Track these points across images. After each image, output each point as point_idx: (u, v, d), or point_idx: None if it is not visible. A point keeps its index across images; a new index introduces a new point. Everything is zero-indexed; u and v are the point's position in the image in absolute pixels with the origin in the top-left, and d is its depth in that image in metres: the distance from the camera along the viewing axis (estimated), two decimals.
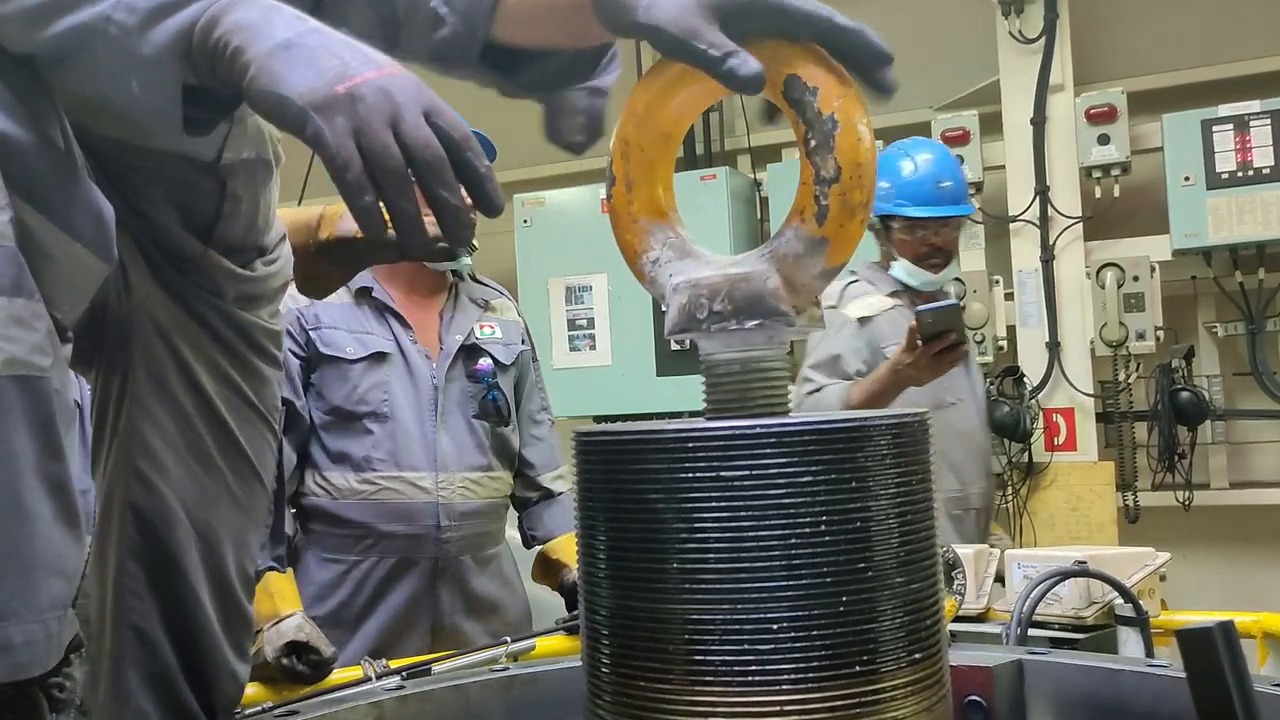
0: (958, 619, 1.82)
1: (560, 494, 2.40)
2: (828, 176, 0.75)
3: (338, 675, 1.75)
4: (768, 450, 0.69)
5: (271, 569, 1.71)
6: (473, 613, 2.23)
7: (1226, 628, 0.54)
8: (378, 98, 0.74)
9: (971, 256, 4.39)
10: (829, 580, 0.69)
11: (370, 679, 1.51)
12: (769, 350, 0.76)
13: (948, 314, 2.46)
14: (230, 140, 1.02)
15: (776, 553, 0.68)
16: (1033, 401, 4.17)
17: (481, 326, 2.32)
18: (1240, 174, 3.65)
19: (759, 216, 4.73)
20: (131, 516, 1.08)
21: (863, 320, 2.70)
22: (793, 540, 0.68)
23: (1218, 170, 3.71)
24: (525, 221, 4.56)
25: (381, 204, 0.75)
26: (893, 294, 2.87)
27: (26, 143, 0.84)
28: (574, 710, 0.80)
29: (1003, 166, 4.29)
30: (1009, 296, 4.21)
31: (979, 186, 4.27)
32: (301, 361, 2.17)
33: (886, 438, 0.72)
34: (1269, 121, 3.67)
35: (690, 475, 0.69)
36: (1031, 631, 1.57)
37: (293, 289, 2.25)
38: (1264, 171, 3.66)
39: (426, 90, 0.77)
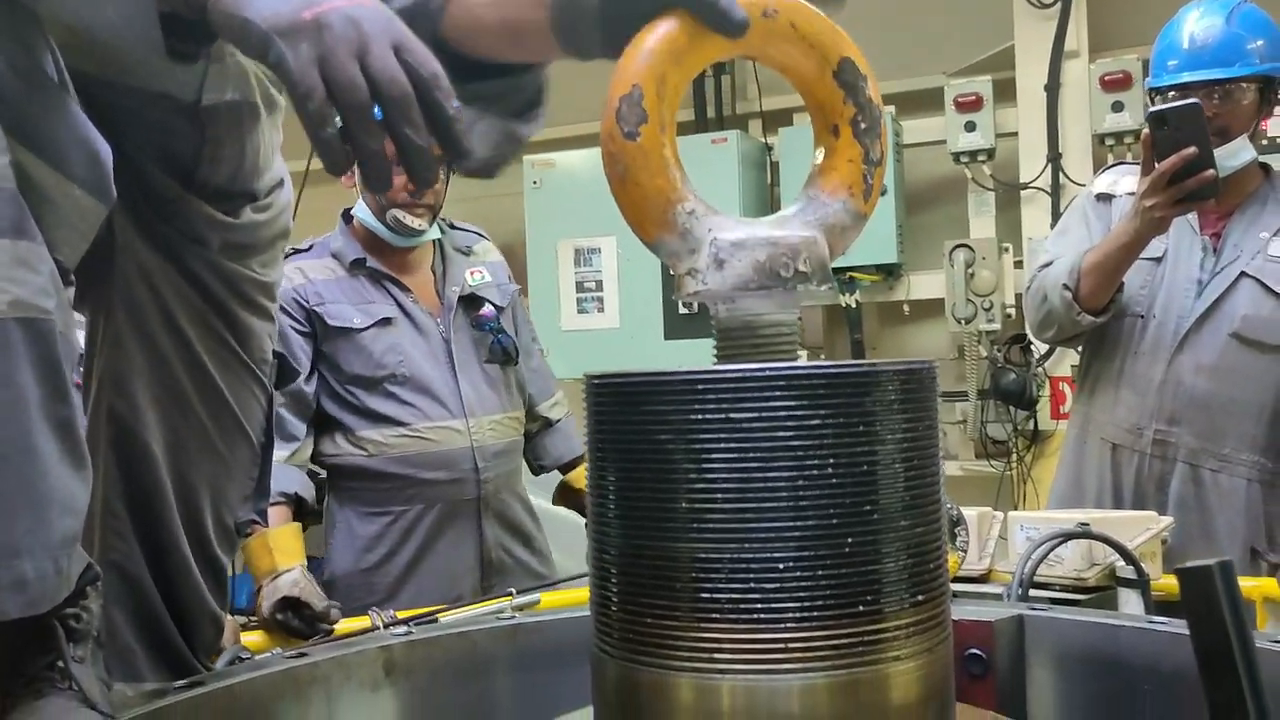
0: (961, 579, 1.84)
1: (558, 420, 2.57)
2: (875, 159, 0.84)
3: (345, 626, 1.78)
4: (777, 393, 0.70)
5: (254, 522, 1.72)
6: (515, 542, 2.38)
7: (1226, 566, 0.55)
8: (345, 27, 0.72)
9: (981, 223, 4.38)
10: (835, 522, 0.70)
11: (379, 628, 1.54)
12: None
13: (1185, 113, 1.99)
14: (210, 81, 1.00)
15: (784, 494, 0.69)
16: (1039, 370, 4.18)
17: (471, 273, 2.41)
18: (1260, 143, 3.63)
19: (769, 181, 4.72)
20: (114, 457, 1.09)
21: (1101, 197, 2.34)
22: (800, 482, 0.69)
23: (1260, 129, 3.68)
24: (535, 183, 4.55)
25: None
26: None
27: (19, 79, 0.82)
28: (576, 658, 0.81)
29: (1015, 133, 4.27)
30: (1019, 264, 4.21)
31: (991, 153, 4.25)
32: (305, 338, 2.24)
33: (894, 384, 0.73)
34: None
35: (700, 417, 0.70)
36: (1033, 592, 1.58)
37: (287, 268, 2.26)
38: (1278, 140, 3.64)
39: (397, 23, 0.74)
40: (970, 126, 4.19)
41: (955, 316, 4.24)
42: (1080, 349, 2.43)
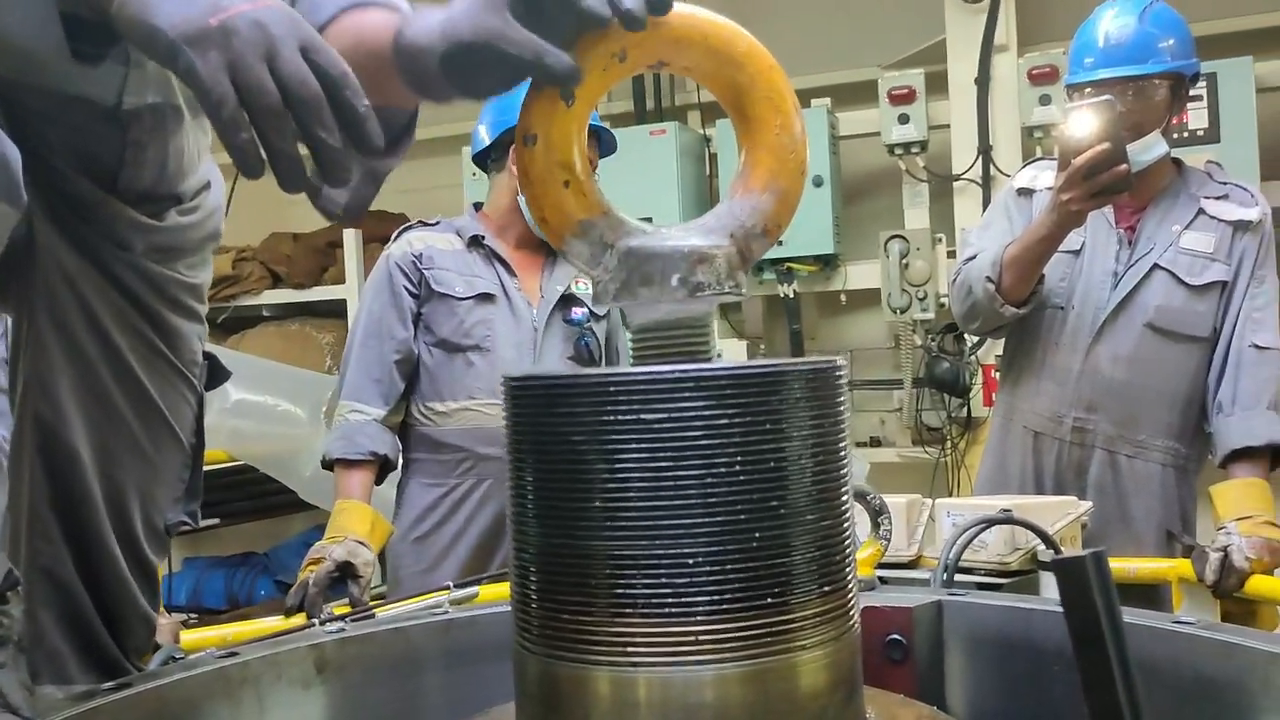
0: (890, 565, 1.89)
1: None
2: (794, 168, 0.87)
3: (280, 622, 1.78)
4: (686, 394, 0.72)
5: (184, 524, 1.78)
6: None
7: (1099, 557, 0.59)
8: (252, 31, 0.72)
9: (915, 214, 4.46)
10: (743, 518, 0.73)
11: (313, 623, 1.54)
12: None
13: (1099, 111, 2.06)
14: (130, 84, 0.99)
15: (693, 492, 0.72)
16: (972, 358, 4.26)
17: (578, 281, 2.51)
18: (1175, 135, 3.73)
19: (708, 172, 4.76)
20: (40, 461, 1.08)
21: (1022, 192, 2.41)
22: (709, 480, 0.72)
23: (1171, 124, 3.79)
24: (474, 174, 4.54)
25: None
26: None
27: None
28: (508, 652, 0.83)
29: (947, 125, 4.34)
30: (952, 254, 4.28)
31: (924, 145, 4.32)
32: (414, 298, 2.40)
33: (801, 383, 0.76)
34: (1205, 84, 3.75)
35: (612, 418, 0.72)
36: (959, 577, 1.63)
37: (407, 237, 2.44)
38: (1198, 133, 3.75)
39: (303, 25, 0.75)
40: (904, 119, 4.26)
41: (891, 306, 4.31)
42: (1004, 339, 2.49)
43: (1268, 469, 2.13)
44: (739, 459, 0.73)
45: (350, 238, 5.09)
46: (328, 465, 2.32)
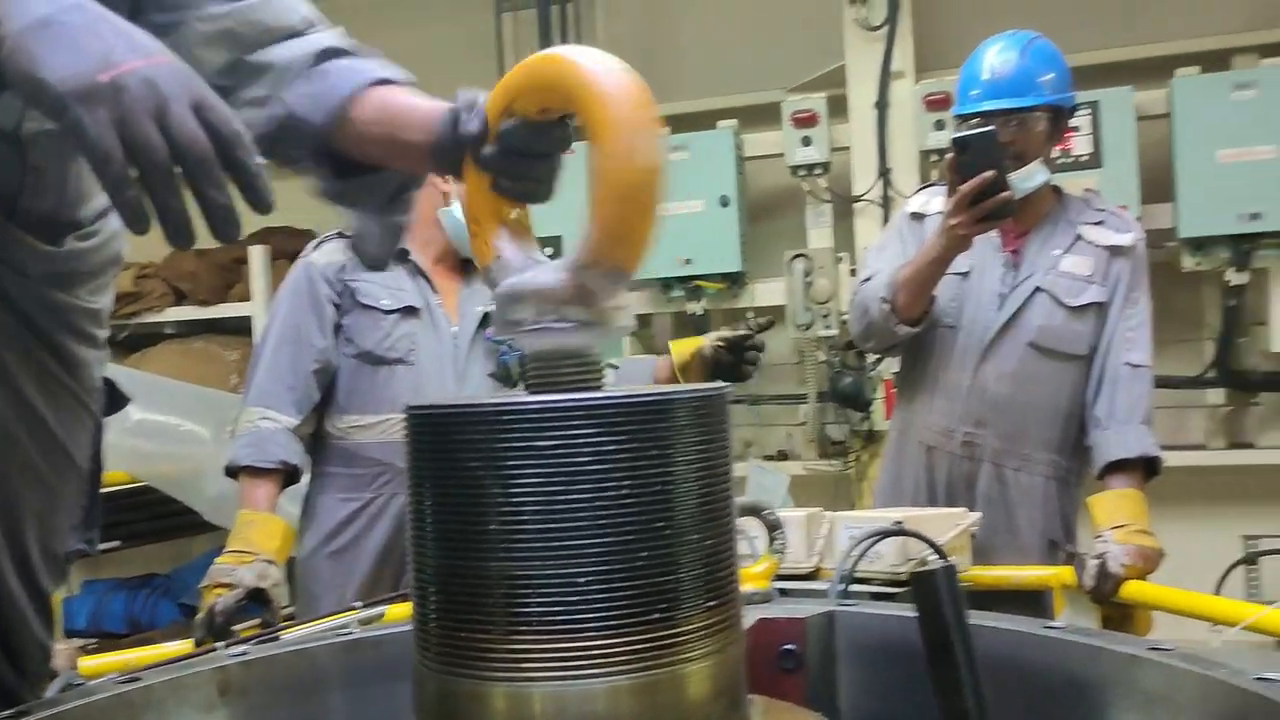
0: (791, 577, 1.95)
1: None
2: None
3: (182, 646, 1.77)
4: (576, 422, 0.76)
5: (82, 551, 1.77)
6: None
7: (949, 570, 0.64)
8: (142, 89, 0.72)
9: (819, 234, 4.58)
10: (631, 538, 0.77)
11: (216, 647, 1.54)
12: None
13: (984, 140, 2.17)
14: (30, 109, 0.98)
15: (583, 514, 0.76)
16: (874, 373, 4.39)
17: None
18: (1062, 161, 3.91)
19: None
20: None
21: (915, 216, 2.50)
22: (598, 503, 0.76)
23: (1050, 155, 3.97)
24: None
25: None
26: None
27: None
28: (411, 671, 0.86)
29: (848, 148, 4.47)
30: (854, 273, 4.40)
31: (826, 167, 4.45)
32: (335, 308, 2.37)
33: (687, 409, 0.80)
34: (1089, 112, 3.94)
35: (506, 446, 0.76)
36: (855, 587, 1.69)
37: (329, 247, 2.42)
38: (1082, 159, 3.93)
39: (196, 82, 0.75)
40: (806, 141, 4.37)
41: (795, 323, 4.42)
42: (900, 357, 2.59)
43: (1142, 480, 2.25)
44: (627, 483, 0.77)
45: (256, 254, 5.03)
46: (232, 472, 2.27)
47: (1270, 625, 1.74)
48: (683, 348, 2.55)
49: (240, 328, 5.12)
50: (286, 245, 5.07)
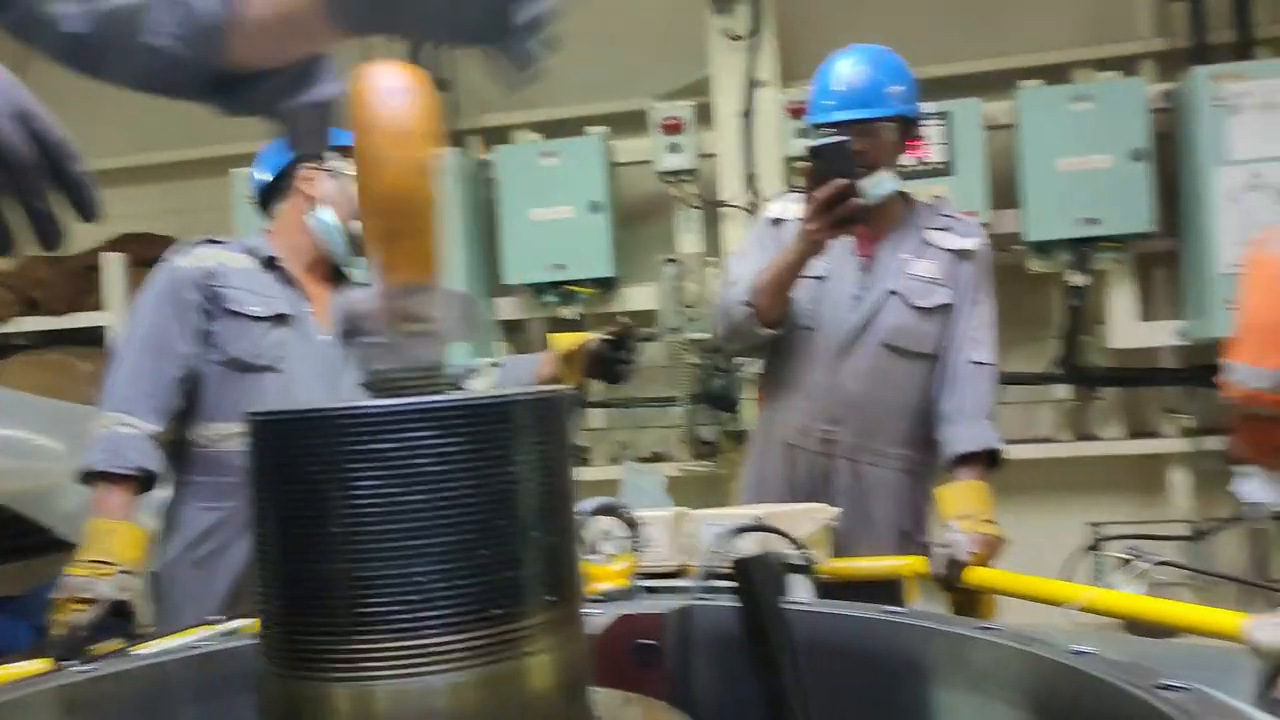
0: (657, 575, 1.99)
1: None
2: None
3: (26, 666, 1.71)
4: (415, 425, 0.78)
5: None
6: None
7: (765, 559, 0.68)
8: None
9: (689, 239, 4.66)
10: (471, 537, 0.79)
11: (63, 666, 1.49)
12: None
13: (836, 149, 2.24)
14: None
15: (422, 514, 0.78)
16: (743, 375, 4.48)
17: None
18: (916, 167, 4.08)
19: (489, 197, 4.81)
20: None
21: (775, 221, 2.57)
22: (438, 504, 0.78)
23: (899, 163, 4.13)
24: (246, 197, 4.42)
25: None
26: None
27: None
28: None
29: (715, 155, 4.56)
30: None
31: (694, 173, 4.53)
32: (202, 315, 2.30)
33: (525, 412, 0.83)
34: (941, 122, 4.11)
35: (346, 449, 0.78)
36: (718, 583, 1.73)
37: (197, 253, 2.37)
38: (936, 167, 4.11)
39: (20, 92, 0.75)
40: (675, 148, 4.45)
41: (667, 326, 4.49)
42: (764, 359, 2.67)
43: (986, 471, 2.37)
44: (467, 483, 0.79)
45: (112, 262, 4.86)
46: (86, 479, 2.19)
47: (1102, 604, 1.85)
48: (565, 341, 2.56)
49: (95, 338, 4.93)
50: (144, 252, 4.90)
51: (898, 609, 1.24)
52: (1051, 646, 1.03)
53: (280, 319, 2.37)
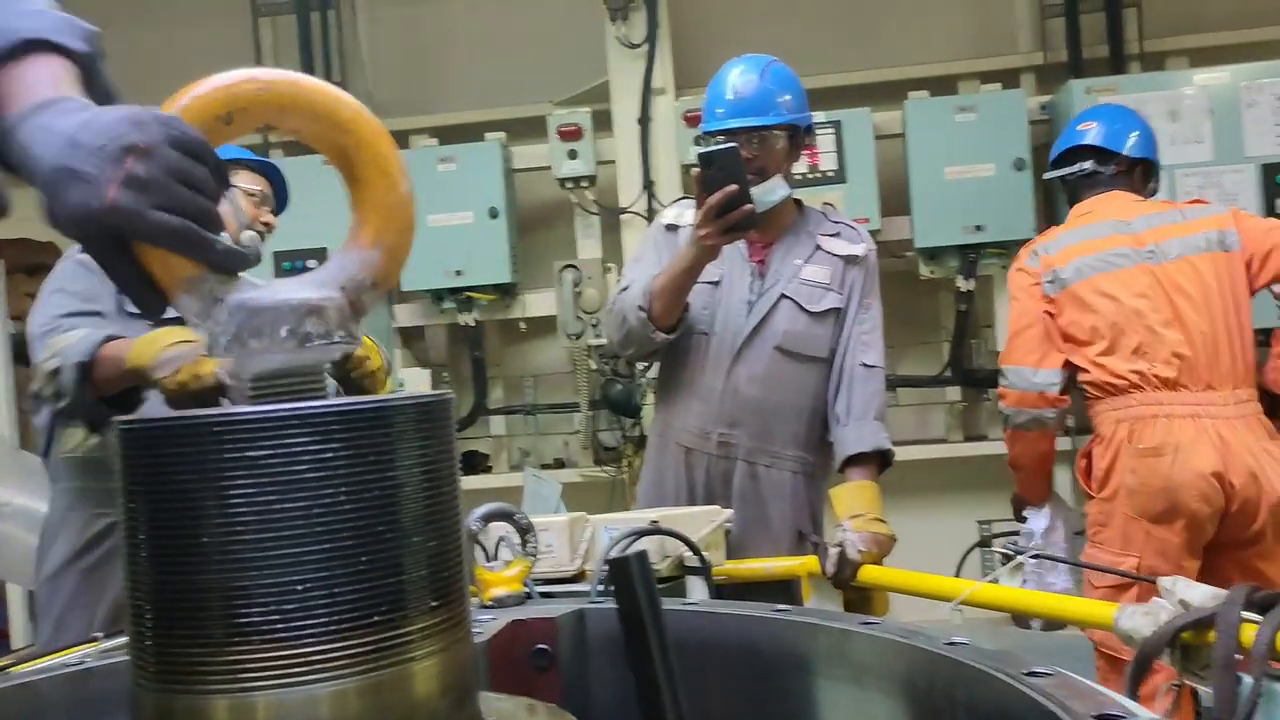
0: (555, 580, 1.99)
1: None
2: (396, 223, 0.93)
3: None
4: (292, 431, 0.77)
5: None
6: None
7: (641, 557, 0.69)
8: None
9: (588, 245, 4.67)
10: (350, 543, 0.78)
11: None
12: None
13: (727, 155, 2.27)
14: None
15: (300, 522, 0.77)
16: (643, 380, 4.51)
17: None
18: (810, 176, 4.16)
19: None
20: None
21: (670, 227, 2.60)
22: (315, 510, 0.77)
23: (792, 171, 4.20)
24: None
25: None
26: None
27: None
28: None
29: (614, 161, 4.59)
30: None
31: (592, 180, 4.55)
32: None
33: (405, 416, 0.82)
34: (832, 131, 4.21)
35: (220, 456, 0.76)
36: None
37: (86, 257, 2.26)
38: (829, 174, 4.20)
39: None
40: (573, 154, 4.46)
41: (567, 333, 4.49)
42: (659, 364, 2.69)
43: (877, 472, 2.43)
44: (344, 489, 0.78)
45: None
46: (88, 365, 2.08)
47: (981, 599, 1.91)
48: None
49: None
50: (23, 258, 4.72)
51: (785, 607, 1.26)
52: (930, 639, 1.07)
53: (178, 321, 2.31)
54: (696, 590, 1.91)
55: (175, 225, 0.79)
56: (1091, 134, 3.07)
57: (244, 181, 2.50)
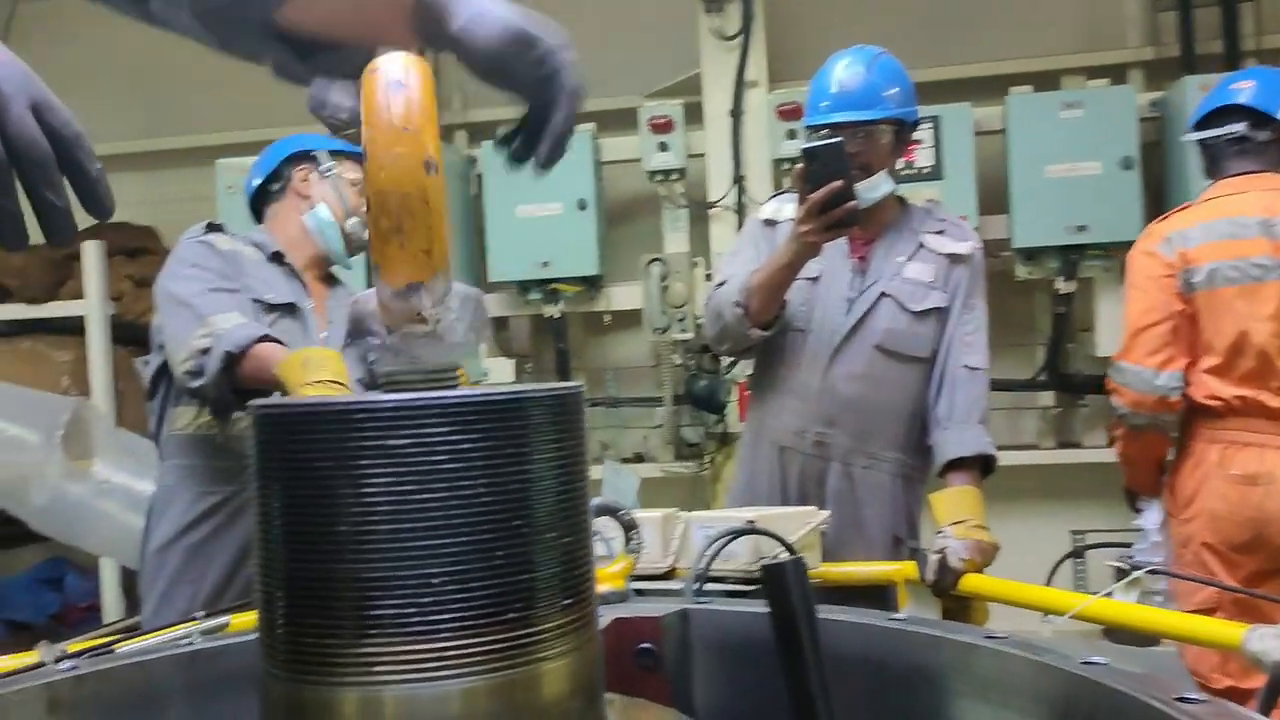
0: (646, 577, 1.97)
1: None
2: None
3: (6, 662, 1.66)
4: (431, 421, 0.75)
5: None
6: None
7: (798, 564, 0.66)
8: None
9: (675, 238, 4.64)
10: (486, 537, 0.76)
11: (45, 663, 1.45)
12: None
13: (831, 151, 2.22)
14: None
15: (437, 514, 0.75)
16: (729, 376, 4.47)
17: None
18: (906, 172, 4.08)
19: (474, 193, 4.78)
20: None
21: (768, 222, 2.55)
22: (453, 503, 0.75)
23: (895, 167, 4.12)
24: (229, 187, 4.37)
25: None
26: None
27: None
28: (256, 682, 0.83)
29: (704, 154, 4.54)
30: (709, 277, 4.48)
31: (682, 173, 4.51)
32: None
33: (541, 409, 0.80)
34: (930, 126, 4.11)
35: (358, 445, 0.75)
36: (710, 586, 1.71)
37: (213, 237, 2.39)
38: (925, 171, 4.10)
39: (36, 82, 0.74)
40: (663, 147, 4.43)
41: (652, 327, 4.46)
42: (754, 360, 2.65)
43: (979, 477, 2.36)
44: (482, 482, 0.76)
45: (91, 250, 4.78)
46: (235, 356, 2.13)
47: (1095, 614, 1.84)
48: None
49: (72, 327, 4.85)
50: (123, 242, 4.84)
51: (901, 615, 1.22)
52: (1063, 657, 1.01)
53: (289, 309, 2.39)
54: None
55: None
56: (1246, 93, 2.77)
57: (349, 172, 2.54)
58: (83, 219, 0.77)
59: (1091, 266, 4.15)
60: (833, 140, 2.25)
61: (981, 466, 2.36)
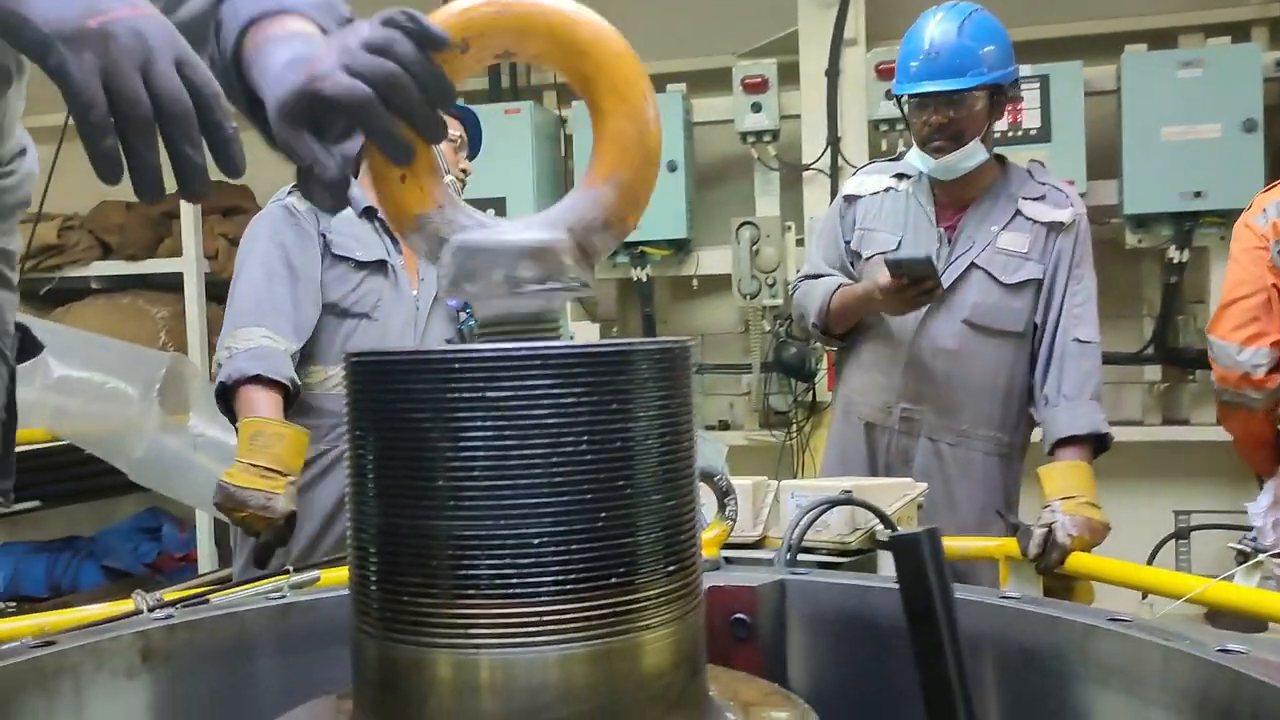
0: (735, 545, 1.92)
1: None
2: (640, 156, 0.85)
3: (103, 609, 1.69)
4: (533, 372, 0.71)
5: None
6: None
7: (933, 534, 0.60)
8: (131, 39, 0.70)
9: (766, 202, 4.54)
10: (589, 497, 0.72)
11: (141, 611, 1.46)
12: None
13: (918, 266, 2.24)
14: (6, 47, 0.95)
15: (539, 471, 0.71)
16: (818, 344, 4.37)
17: None
18: (1011, 134, 3.92)
19: (563, 153, 4.73)
20: None
21: (849, 198, 2.52)
22: (555, 459, 0.71)
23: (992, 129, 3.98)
24: None
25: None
26: (898, 176, 2.51)
27: None
28: (347, 636, 0.80)
29: (798, 115, 4.43)
30: (800, 242, 4.39)
31: (775, 134, 4.40)
32: (321, 249, 2.33)
33: (648, 363, 0.75)
34: (1037, 86, 3.94)
35: (456, 396, 0.71)
36: (802, 556, 1.66)
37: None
38: (1031, 132, 3.94)
39: (179, 38, 0.74)
40: (756, 107, 4.33)
41: (741, 291, 4.38)
42: None
43: (1091, 454, 2.25)
44: (586, 438, 0.72)
45: (189, 209, 4.87)
46: (227, 389, 2.16)
47: (1209, 599, 1.74)
48: None
49: (170, 284, 4.96)
50: (217, 200, 4.91)
51: (1012, 593, 1.15)
52: (1195, 643, 0.94)
53: (379, 267, 2.38)
54: (888, 566, 1.80)
55: (93, 94, 0.72)
56: None
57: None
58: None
59: (1207, 235, 3.95)
60: (921, 257, 2.22)
61: (1094, 445, 2.25)
